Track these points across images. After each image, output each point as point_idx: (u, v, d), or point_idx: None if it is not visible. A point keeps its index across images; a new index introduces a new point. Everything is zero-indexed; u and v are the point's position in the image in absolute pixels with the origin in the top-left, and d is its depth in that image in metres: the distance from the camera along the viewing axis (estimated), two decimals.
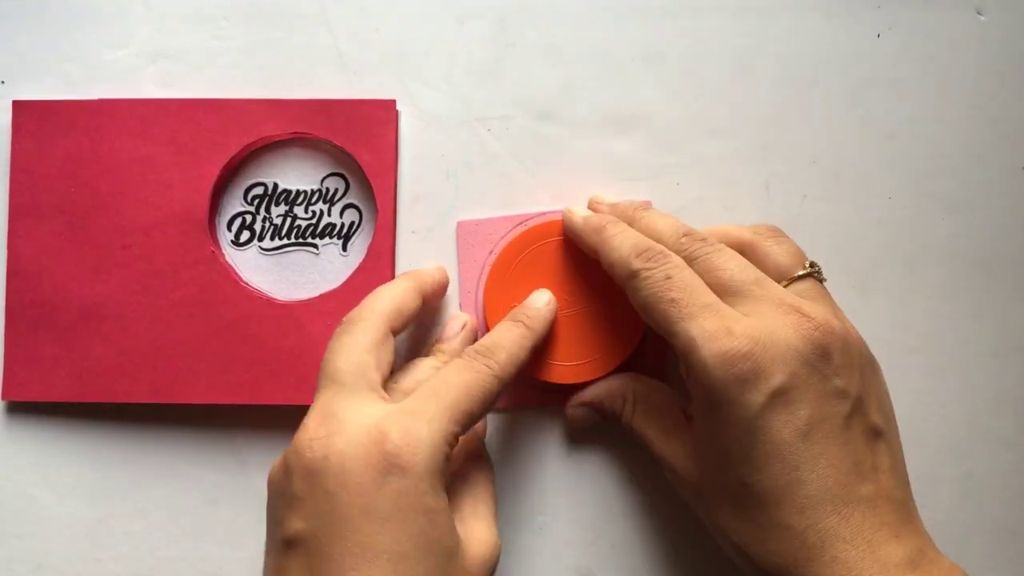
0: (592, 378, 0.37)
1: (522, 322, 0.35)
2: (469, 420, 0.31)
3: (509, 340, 0.34)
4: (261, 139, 0.39)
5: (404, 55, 0.40)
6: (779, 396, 0.29)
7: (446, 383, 0.31)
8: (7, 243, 0.39)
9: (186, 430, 0.40)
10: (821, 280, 0.34)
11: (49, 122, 0.39)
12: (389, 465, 0.28)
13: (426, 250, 0.40)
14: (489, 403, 0.32)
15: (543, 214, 0.40)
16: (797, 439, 0.29)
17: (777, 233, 0.36)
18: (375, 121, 0.39)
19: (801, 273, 0.34)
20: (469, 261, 0.39)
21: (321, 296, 0.39)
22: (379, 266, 0.39)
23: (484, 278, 0.37)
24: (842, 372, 0.30)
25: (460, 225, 0.40)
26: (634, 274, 0.32)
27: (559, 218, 0.38)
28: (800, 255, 0.35)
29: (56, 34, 0.41)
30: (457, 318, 0.38)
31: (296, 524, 0.29)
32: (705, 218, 0.40)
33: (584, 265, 0.37)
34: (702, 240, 0.34)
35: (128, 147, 0.39)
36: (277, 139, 0.40)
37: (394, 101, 0.39)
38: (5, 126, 0.40)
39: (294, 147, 0.40)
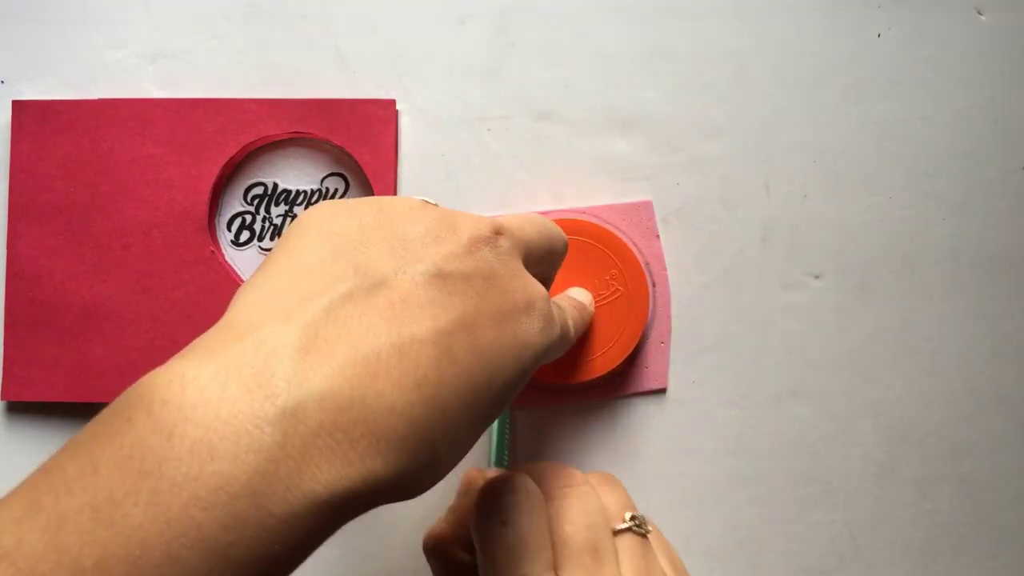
0: (591, 378, 0.37)
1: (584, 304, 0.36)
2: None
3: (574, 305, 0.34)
4: (261, 139, 0.39)
5: (404, 55, 0.40)
6: None
7: None
8: (7, 243, 0.39)
9: None
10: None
11: (49, 122, 0.39)
12: None
13: None
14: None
15: (543, 214, 0.40)
16: None
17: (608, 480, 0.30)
18: (375, 121, 0.39)
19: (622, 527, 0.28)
20: None
21: None
22: None
23: None
24: None
25: None
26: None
27: (559, 218, 0.38)
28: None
29: (56, 34, 0.41)
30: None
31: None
32: (705, 218, 0.40)
33: (582, 268, 0.37)
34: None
35: (128, 147, 0.39)
36: (277, 139, 0.40)
37: (394, 101, 0.39)
38: (5, 126, 0.40)
39: (294, 147, 0.40)
